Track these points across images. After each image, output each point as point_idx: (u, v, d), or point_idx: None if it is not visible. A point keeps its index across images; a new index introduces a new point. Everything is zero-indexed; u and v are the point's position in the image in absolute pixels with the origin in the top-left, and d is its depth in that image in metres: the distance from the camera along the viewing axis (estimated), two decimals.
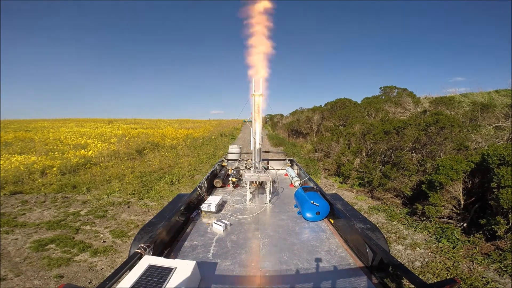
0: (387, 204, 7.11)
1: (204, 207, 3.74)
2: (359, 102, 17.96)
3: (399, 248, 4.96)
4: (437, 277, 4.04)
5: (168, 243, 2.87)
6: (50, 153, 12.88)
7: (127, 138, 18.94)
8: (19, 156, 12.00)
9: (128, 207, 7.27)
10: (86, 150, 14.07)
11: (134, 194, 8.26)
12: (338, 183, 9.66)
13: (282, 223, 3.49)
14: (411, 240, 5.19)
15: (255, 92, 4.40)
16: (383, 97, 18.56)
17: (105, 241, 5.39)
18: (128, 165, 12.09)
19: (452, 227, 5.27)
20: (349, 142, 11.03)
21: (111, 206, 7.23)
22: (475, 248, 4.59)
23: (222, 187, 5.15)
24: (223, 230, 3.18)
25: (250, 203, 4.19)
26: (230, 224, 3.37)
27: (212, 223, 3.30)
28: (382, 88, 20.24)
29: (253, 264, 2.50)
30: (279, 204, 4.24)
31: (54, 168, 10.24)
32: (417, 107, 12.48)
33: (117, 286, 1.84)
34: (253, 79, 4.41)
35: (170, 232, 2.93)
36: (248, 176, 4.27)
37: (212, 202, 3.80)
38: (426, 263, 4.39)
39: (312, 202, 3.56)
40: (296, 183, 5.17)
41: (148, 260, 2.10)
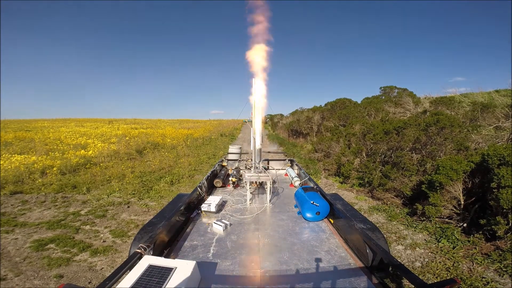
0: (387, 204, 7.10)
1: (204, 207, 3.74)
2: (359, 102, 17.95)
3: (399, 248, 4.96)
4: (437, 277, 4.03)
5: (168, 243, 2.86)
6: (50, 153, 12.88)
7: (127, 138, 18.94)
8: (19, 156, 12.00)
9: (128, 207, 7.27)
10: (86, 150, 14.07)
11: (134, 194, 8.26)
12: (338, 183, 9.65)
13: (282, 223, 3.49)
14: (411, 240, 5.19)
15: (255, 92, 4.40)
16: (383, 97, 18.55)
17: (105, 241, 5.39)
18: (128, 165, 12.09)
19: (452, 227, 5.27)
20: (349, 142, 11.03)
21: (111, 206, 7.23)
22: (475, 248, 4.59)
23: (222, 187, 5.15)
24: (223, 230, 3.18)
25: (250, 203, 4.19)
26: (230, 224, 3.37)
27: (212, 223, 3.30)
28: (382, 88, 20.24)
29: (253, 264, 2.50)
30: (279, 204, 4.24)
31: (54, 168, 10.25)
32: (417, 107, 12.48)
33: (117, 286, 1.84)
34: (253, 79, 4.41)
35: (170, 232, 2.92)
36: (248, 176, 4.27)
37: (212, 202, 3.81)
38: (426, 263, 4.39)
39: (312, 202, 3.57)
40: (296, 183, 5.17)
41: (148, 260, 2.10)
